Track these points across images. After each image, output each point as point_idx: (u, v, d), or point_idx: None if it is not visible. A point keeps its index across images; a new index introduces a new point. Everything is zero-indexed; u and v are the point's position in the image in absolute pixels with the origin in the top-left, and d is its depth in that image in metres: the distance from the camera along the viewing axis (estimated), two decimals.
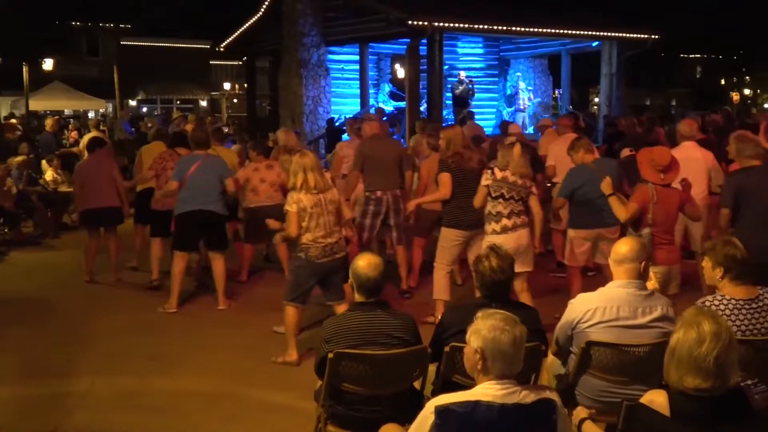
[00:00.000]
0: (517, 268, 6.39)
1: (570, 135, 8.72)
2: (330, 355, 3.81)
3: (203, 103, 43.71)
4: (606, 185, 6.04)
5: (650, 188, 5.80)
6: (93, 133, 13.64)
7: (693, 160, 7.50)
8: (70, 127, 22.29)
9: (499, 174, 6.36)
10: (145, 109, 39.70)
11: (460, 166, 6.83)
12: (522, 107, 21.19)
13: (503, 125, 13.63)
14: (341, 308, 6.12)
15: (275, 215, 6.55)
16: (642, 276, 4.10)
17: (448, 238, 6.92)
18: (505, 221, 6.35)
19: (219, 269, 7.62)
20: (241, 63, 27.63)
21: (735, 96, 51.22)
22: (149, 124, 16.34)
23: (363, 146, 8.24)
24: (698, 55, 62.48)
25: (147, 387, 5.64)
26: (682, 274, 6.01)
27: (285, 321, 6.14)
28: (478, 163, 6.89)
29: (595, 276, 7.49)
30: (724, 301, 3.93)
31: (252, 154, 8.72)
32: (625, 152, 9.43)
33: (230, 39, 22.77)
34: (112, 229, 8.80)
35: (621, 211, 5.89)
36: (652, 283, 4.33)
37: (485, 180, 6.39)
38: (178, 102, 42.29)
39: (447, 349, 3.90)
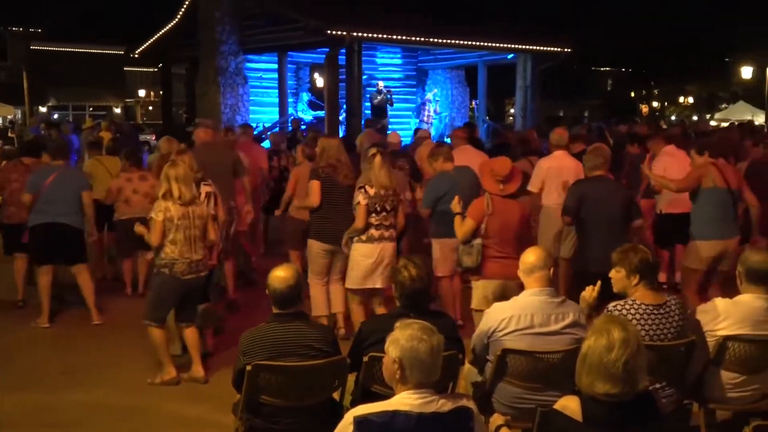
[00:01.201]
0: (374, 284, 6.34)
1: (463, 147, 8.61)
2: (248, 368, 3.77)
3: (117, 110, 42.80)
4: (455, 204, 5.98)
5: (486, 198, 5.75)
6: None
7: (563, 168, 7.60)
8: None
9: (371, 191, 6.26)
10: (56, 116, 38.55)
11: (330, 177, 6.61)
12: (426, 119, 20.80)
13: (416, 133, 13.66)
14: (189, 332, 5.94)
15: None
16: (551, 282, 4.20)
17: (313, 249, 6.75)
18: (372, 231, 6.30)
19: (85, 283, 7.33)
20: (156, 70, 27.13)
21: (644, 108, 53.04)
22: (42, 131, 15.84)
23: (195, 155, 7.62)
24: (609, 69, 64.40)
25: (58, 402, 5.47)
26: None
27: (152, 342, 5.82)
28: (345, 179, 6.65)
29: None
30: (635, 306, 4.04)
31: (125, 164, 8.31)
32: None
33: (145, 45, 22.34)
34: None
35: (458, 230, 5.84)
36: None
37: (363, 199, 6.24)
38: (91, 109, 41.31)
39: (366, 358, 3.91)
